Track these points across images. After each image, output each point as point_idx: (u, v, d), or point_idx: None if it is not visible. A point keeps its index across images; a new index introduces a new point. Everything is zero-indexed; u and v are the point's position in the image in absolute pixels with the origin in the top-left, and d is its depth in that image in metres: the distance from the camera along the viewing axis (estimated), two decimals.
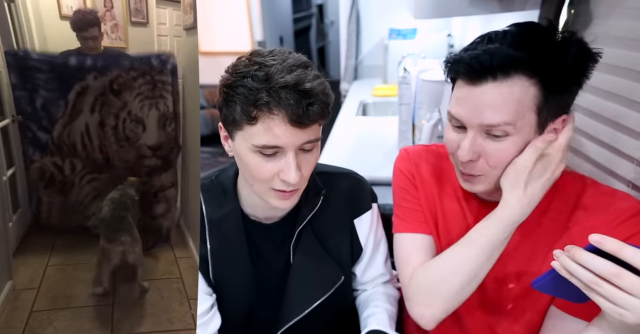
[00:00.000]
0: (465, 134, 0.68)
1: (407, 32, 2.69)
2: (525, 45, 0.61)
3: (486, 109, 0.63)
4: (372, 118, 2.48)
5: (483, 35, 0.67)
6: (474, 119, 0.65)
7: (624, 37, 0.84)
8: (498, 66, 0.61)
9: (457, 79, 0.68)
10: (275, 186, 0.69)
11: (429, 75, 1.36)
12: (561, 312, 0.71)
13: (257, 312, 0.86)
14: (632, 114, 0.81)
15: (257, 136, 0.64)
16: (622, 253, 0.49)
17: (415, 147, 0.90)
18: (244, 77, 0.63)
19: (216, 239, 0.81)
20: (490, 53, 0.61)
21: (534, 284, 0.61)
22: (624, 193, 0.70)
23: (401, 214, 0.84)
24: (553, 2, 1.08)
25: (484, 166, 0.68)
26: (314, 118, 0.64)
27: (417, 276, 0.75)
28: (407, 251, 0.81)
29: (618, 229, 0.65)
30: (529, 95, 0.62)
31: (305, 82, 0.62)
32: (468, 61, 0.63)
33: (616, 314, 0.51)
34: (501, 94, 0.62)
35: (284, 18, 4.35)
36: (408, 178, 0.86)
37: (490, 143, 0.66)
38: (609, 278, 0.50)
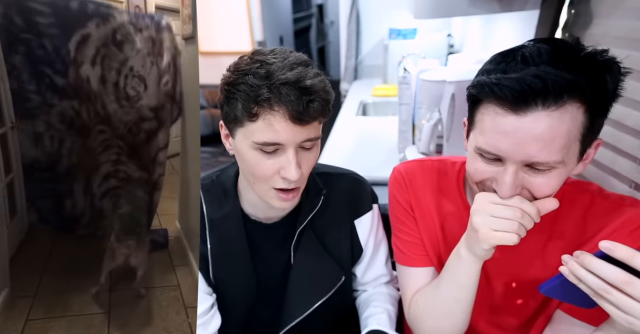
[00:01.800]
0: (500, 165, 0.60)
1: (407, 32, 2.69)
2: (574, 66, 0.54)
3: (535, 143, 0.55)
4: (372, 118, 2.48)
5: (507, 54, 0.59)
6: (518, 154, 0.57)
7: (625, 37, 0.84)
8: (554, 91, 0.53)
9: (490, 104, 0.58)
10: (276, 184, 0.69)
11: (429, 75, 1.36)
12: (567, 316, 0.70)
13: (257, 312, 0.86)
14: (634, 113, 0.81)
15: (258, 132, 0.64)
16: (633, 260, 0.48)
17: (408, 164, 0.85)
18: (245, 74, 0.64)
19: (216, 239, 0.81)
20: (542, 76, 0.53)
21: (541, 288, 0.60)
22: (631, 199, 0.68)
23: (401, 246, 0.84)
24: (553, 2, 1.08)
25: (527, 194, 0.61)
26: (314, 115, 0.64)
27: (413, 307, 0.80)
28: (408, 282, 0.83)
29: (631, 236, 0.63)
30: (577, 123, 0.55)
31: (305, 79, 0.63)
32: (513, 86, 0.54)
33: (625, 322, 0.50)
34: (551, 125, 0.54)
35: (284, 18, 4.34)
36: (405, 209, 0.83)
37: (533, 176, 0.59)
38: (619, 285, 0.49)
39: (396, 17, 2.88)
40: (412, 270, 0.83)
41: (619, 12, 0.89)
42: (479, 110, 0.61)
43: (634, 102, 0.81)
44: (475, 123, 0.63)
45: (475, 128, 0.62)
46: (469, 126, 0.66)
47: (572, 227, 0.70)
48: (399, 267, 0.86)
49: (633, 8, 0.84)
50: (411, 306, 0.80)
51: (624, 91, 0.59)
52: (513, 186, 0.59)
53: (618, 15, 0.89)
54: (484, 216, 0.61)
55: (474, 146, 0.62)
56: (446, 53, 2.59)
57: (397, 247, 0.85)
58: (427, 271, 0.82)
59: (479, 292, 0.71)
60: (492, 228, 0.60)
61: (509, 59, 0.58)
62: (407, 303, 0.82)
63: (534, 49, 0.57)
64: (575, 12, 1.04)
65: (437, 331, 0.76)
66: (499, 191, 0.61)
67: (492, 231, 0.60)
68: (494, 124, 0.58)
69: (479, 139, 0.61)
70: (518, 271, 0.74)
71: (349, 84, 3.04)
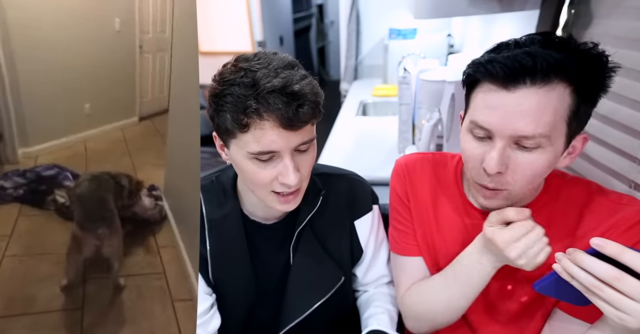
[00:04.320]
0: (490, 144, 0.63)
1: (407, 32, 2.68)
2: (565, 48, 0.58)
3: (522, 117, 0.58)
4: (372, 118, 2.48)
5: (502, 43, 0.63)
6: (506, 129, 0.59)
7: (625, 37, 0.84)
8: (541, 68, 0.56)
9: (483, 83, 0.62)
10: (276, 188, 0.69)
11: (429, 75, 1.36)
12: (564, 314, 0.70)
13: (257, 312, 0.86)
14: (633, 113, 0.81)
15: (251, 143, 0.64)
16: (622, 256, 0.49)
17: (410, 156, 0.88)
18: (231, 85, 0.63)
19: (216, 239, 0.81)
20: (532, 54, 0.56)
21: (535, 285, 0.60)
22: (629, 198, 0.69)
23: (395, 235, 0.87)
24: (553, 2, 1.08)
25: (510, 179, 0.63)
26: (305, 119, 0.64)
27: (405, 300, 0.84)
28: (398, 271, 0.88)
29: (625, 235, 0.64)
30: (564, 104, 0.58)
31: (292, 84, 0.62)
32: (505, 62, 0.57)
33: (617, 319, 0.50)
34: (539, 101, 0.57)
35: (284, 18, 4.34)
36: (402, 199, 0.85)
37: (520, 155, 0.61)
38: (610, 281, 0.50)
39: (396, 17, 2.88)
40: (403, 259, 0.86)
41: (619, 12, 0.89)
42: (474, 92, 0.65)
43: (634, 102, 0.81)
44: (470, 104, 0.66)
45: (470, 108, 0.66)
46: (465, 112, 0.69)
47: (569, 224, 0.71)
48: (393, 256, 0.89)
49: (633, 8, 0.84)
50: (405, 297, 0.84)
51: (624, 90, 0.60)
52: (500, 162, 0.61)
53: (618, 15, 0.89)
54: (522, 254, 0.63)
55: (467, 122, 0.66)
56: (446, 53, 2.59)
57: (392, 237, 0.88)
58: (416, 260, 0.84)
59: None
60: (533, 257, 0.62)
61: (503, 46, 0.62)
62: (401, 293, 0.85)
63: (528, 38, 0.61)
64: (575, 12, 1.04)
65: (433, 323, 0.80)
66: (486, 166, 0.62)
67: (535, 258, 0.62)
68: (486, 99, 0.61)
69: (472, 114, 0.64)
70: (515, 269, 0.75)
71: (349, 84, 3.03)
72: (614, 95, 0.86)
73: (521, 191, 0.65)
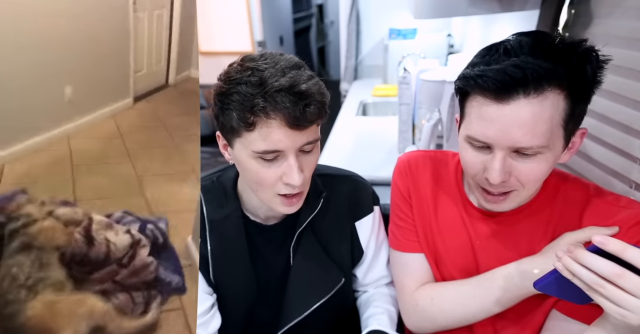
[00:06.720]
0: (489, 153, 0.63)
1: (407, 32, 2.68)
2: (553, 55, 0.57)
3: (518, 127, 0.58)
4: (372, 118, 2.48)
5: (491, 48, 0.62)
6: (504, 140, 0.60)
7: (625, 37, 0.84)
8: (533, 79, 0.56)
9: (476, 95, 0.62)
10: (280, 190, 0.69)
11: (429, 75, 1.36)
12: (563, 315, 0.70)
13: (257, 313, 0.86)
14: (634, 113, 0.81)
15: (256, 141, 0.64)
16: (625, 253, 0.49)
17: (414, 153, 0.89)
18: (237, 83, 0.63)
19: (216, 240, 0.81)
20: (521, 66, 0.56)
21: (536, 284, 0.60)
22: (627, 200, 0.69)
23: (396, 231, 0.87)
24: (553, 2, 1.08)
25: (515, 182, 0.64)
26: (312, 119, 0.64)
27: (420, 301, 0.80)
28: (400, 268, 0.86)
29: (625, 236, 0.64)
30: (559, 109, 0.59)
31: (300, 84, 0.62)
32: (495, 76, 0.57)
33: (619, 315, 0.50)
34: (533, 112, 0.57)
35: (284, 18, 4.34)
36: (403, 195, 0.85)
37: (521, 161, 0.62)
38: (612, 278, 0.50)
39: (396, 17, 2.88)
40: (405, 256, 0.85)
41: (619, 12, 0.89)
42: (467, 102, 0.65)
43: (635, 102, 0.81)
44: (464, 115, 0.66)
45: (465, 119, 0.66)
46: (460, 119, 0.69)
47: (570, 225, 0.71)
48: (392, 252, 0.88)
49: (633, 8, 0.84)
50: (418, 297, 0.81)
51: (624, 90, 0.60)
52: (502, 172, 0.62)
53: (618, 15, 0.89)
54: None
55: (464, 135, 0.66)
56: (446, 53, 2.59)
57: (392, 233, 0.88)
58: (418, 257, 0.83)
59: None
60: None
61: (493, 51, 0.61)
62: (407, 291, 0.83)
63: (516, 41, 0.60)
64: (575, 12, 1.04)
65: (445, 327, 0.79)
66: (489, 177, 0.63)
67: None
68: (480, 113, 0.61)
69: (468, 128, 0.64)
70: None
71: (349, 84, 3.03)
72: (614, 95, 0.86)
73: (528, 193, 0.67)
